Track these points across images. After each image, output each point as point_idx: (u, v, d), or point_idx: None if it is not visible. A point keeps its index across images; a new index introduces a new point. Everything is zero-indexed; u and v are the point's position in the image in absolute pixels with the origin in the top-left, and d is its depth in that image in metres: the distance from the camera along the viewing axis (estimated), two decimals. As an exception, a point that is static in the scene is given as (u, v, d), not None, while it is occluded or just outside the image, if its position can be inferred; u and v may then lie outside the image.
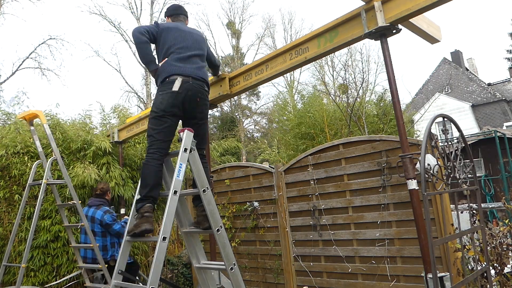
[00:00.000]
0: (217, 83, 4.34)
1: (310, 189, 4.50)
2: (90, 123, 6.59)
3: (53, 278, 5.30)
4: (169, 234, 2.62)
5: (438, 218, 3.49)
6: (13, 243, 5.21)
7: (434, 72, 29.16)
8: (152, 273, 2.46)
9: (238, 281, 2.94)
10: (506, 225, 3.28)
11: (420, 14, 2.92)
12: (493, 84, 27.85)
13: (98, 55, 23.02)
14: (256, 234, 5.09)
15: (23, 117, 5.04)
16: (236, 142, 8.76)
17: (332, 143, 4.43)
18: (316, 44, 3.43)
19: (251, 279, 5.11)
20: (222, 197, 5.54)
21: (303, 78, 40.54)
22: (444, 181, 2.45)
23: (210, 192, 2.95)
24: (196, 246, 3.14)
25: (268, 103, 27.92)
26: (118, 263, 2.80)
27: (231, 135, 21.02)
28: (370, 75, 13.45)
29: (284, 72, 3.86)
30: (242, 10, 28.93)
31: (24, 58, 18.52)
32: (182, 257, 6.43)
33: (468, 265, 3.31)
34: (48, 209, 5.49)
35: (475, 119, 24.65)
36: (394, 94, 2.92)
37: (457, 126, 2.68)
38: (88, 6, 28.65)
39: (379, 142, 3.95)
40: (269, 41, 27.62)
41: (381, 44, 3.00)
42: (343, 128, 11.36)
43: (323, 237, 4.34)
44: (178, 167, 2.71)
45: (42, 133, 5.55)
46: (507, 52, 32.96)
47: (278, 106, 17.38)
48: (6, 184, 5.48)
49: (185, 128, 2.82)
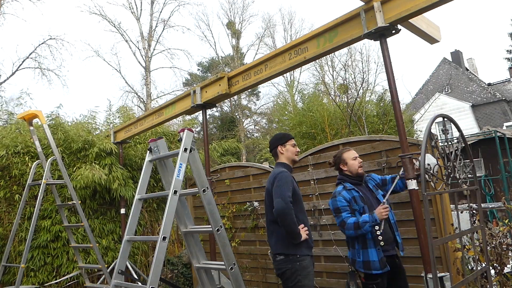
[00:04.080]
0: (216, 82, 4.34)
1: (310, 189, 4.50)
2: (93, 123, 6.61)
3: (53, 278, 5.31)
4: (169, 234, 2.62)
5: (438, 218, 3.49)
6: (13, 243, 5.22)
7: (434, 72, 29.16)
8: (152, 273, 2.46)
9: (238, 281, 2.94)
10: (506, 225, 3.28)
11: (419, 14, 2.92)
12: (493, 84, 27.85)
13: (98, 55, 22.89)
14: (256, 234, 5.09)
15: (23, 117, 5.05)
16: (236, 143, 8.76)
17: (332, 143, 4.43)
18: (316, 44, 3.43)
19: (251, 279, 5.11)
20: (222, 197, 5.54)
21: (303, 78, 40.58)
22: (444, 181, 2.45)
23: (210, 192, 2.95)
24: (196, 246, 3.14)
25: (268, 103, 27.95)
26: (118, 263, 2.80)
27: (231, 135, 21.03)
28: (370, 75, 13.48)
29: (283, 72, 3.86)
30: (242, 10, 28.87)
31: (24, 58, 18.55)
32: (182, 257, 6.43)
33: (468, 265, 3.31)
34: (48, 209, 5.50)
35: (475, 119, 24.65)
36: (394, 94, 2.92)
37: (457, 126, 2.68)
38: (88, 6, 28.67)
39: (379, 142, 3.95)
40: (269, 41, 27.66)
41: (380, 45, 3.00)
42: (343, 128, 11.37)
43: (323, 237, 4.34)
44: (178, 167, 2.71)
45: (42, 133, 5.55)
46: (507, 52, 32.94)
47: (278, 106, 17.39)
48: (6, 184, 5.49)
49: (185, 128, 2.82)
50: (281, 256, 2.89)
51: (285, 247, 2.87)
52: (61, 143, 5.89)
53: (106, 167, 5.70)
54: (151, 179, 6.11)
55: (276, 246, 2.94)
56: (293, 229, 2.79)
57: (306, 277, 2.80)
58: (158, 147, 3.06)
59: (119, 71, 22.95)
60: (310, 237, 2.96)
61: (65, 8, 41.14)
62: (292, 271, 2.81)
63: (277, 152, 3.14)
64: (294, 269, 2.80)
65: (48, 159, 4.97)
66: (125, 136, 5.89)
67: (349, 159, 3.16)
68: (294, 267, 2.81)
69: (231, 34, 27.49)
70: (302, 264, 2.82)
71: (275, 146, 3.15)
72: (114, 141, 6.00)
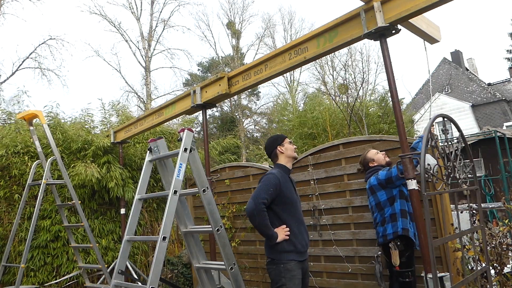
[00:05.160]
0: (216, 82, 4.34)
1: (310, 189, 4.50)
2: (91, 122, 6.60)
3: (53, 278, 5.30)
4: (169, 234, 2.62)
5: (438, 218, 3.49)
6: (13, 243, 5.22)
7: (434, 72, 29.14)
8: (152, 273, 2.46)
9: (238, 281, 2.94)
10: (506, 225, 3.28)
11: (419, 14, 2.92)
12: (493, 84, 27.84)
13: (98, 55, 22.96)
14: (256, 234, 5.08)
15: (23, 117, 5.04)
16: (234, 140, 8.67)
17: (332, 143, 4.43)
18: (316, 44, 3.43)
19: (251, 279, 5.11)
20: (222, 197, 5.54)
21: (303, 78, 40.58)
22: (444, 181, 2.45)
23: (210, 192, 2.95)
24: (196, 246, 3.14)
25: (268, 103, 27.96)
26: (118, 263, 2.80)
27: (231, 135, 21.03)
28: (370, 75, 13.47)
29: (283, 72, 3.85)
30: (242, 10, 28.91)
31: (24, 58, 18.57)
32: (182, 257, 6.43)
33: (468, 265, 3.31)
34: (48, 209, 5.50)
35: (475, 119, 24.64)
36: (394, 94, 2.91)
37: (457, 126, 2.68)
38: (88, 6, 28.68)
39: (379, 142, 3.95)
40: (269, 41, 27.65)
41: (380, 45, 2.99)
42: (345, 128, 11.37)
43: (323, 237, 4.34)
44: (178, 167, 2.71)
45: (42, 133, 5.55)
46: (507, 52, 32.94)
47: (278, 106, 17.39)
48: (6, 184, 5.48)
49: (185, 128, 2.82)
50: (269, 258, 2.88)
51: (270, 252, 2.85)
52: (61, 143, 5.88)
53: (103, 166, 5.69)
54: (151, 179, 6.11)
55: (265, 249, 2.94)
56: (263, 231, 2.74)
57: (291, 280, 2.76)
58: (158, 147, 3.06)
59: (119, 71, 23.02)
60: (300, 242, 2.87)
61: (65, 8, 41.15)
62: (276, 272, 2.78)
63: (276, 153, 3.08)
64: (278, 270, 2.78)
65: (48, 159, 4.97)
66: (125, 136, 5.89)
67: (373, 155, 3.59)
68: (278, 268, 2.78)
69: (231, 34, 27.50)
70: (286, 267, 2.78)
71: (274, 148, 3.08)
72: (114, 141, 6.00)
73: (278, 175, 2.89)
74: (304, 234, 2.93)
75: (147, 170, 3.07)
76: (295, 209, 2.94)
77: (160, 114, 5.28)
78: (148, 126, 5.48)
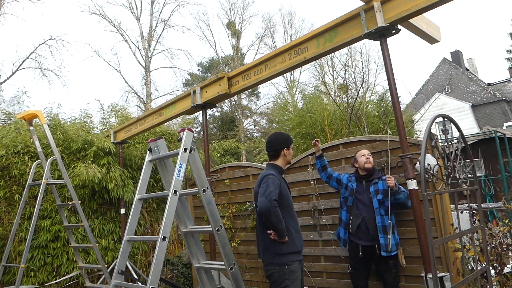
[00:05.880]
0: (216, 82, 4.34)
1: (310, 189, 4.50)
2: (90, 123, 6.60)
3: (53, 278, 5.30)
4: (169, 234, 2.62)
5: (438, 218, 3.49)
6: (13, 243, 5.22)
7: (434, 72, 29.15)
8: (152, 273, 2.46)
9: (238, 281, 2.94)
10: (506, 225, 3.28)
11: (419, 14, 2.92)
12: (493, 84, 27.84)
13: (98, 55, 22.89)
14: (256, 234, 5.08)
15: (23, 117, 5.04)
16: (236, 143, 8.75)
17: (332, 143, 4.43)
18: (316, 44, 3.43)
19: (251, 279, 5.11)
20: (222, 197, 5.53)
21: (303, 78, 40.56)
22: (444, 181, 2.45)
23: (210, 192, 2.95)
24: (196, 246, 3.14)
25: (268, 103, 27.92)
26: (118, 263, 2.80)
27: (231, 135, 21.03)
28: (370, 75, 13.46)
29: (283, 72, 3.86)
30: (242, 10, 28.83)
31: (24, 58, 18.53)
32: (182, 257, 6.43)
33: (468, 265, 3.31)
34: (48, 209, 5.50)
35: (475, 119, 24.64)
36: (394, 94, 2.92)
37: (457, 126, 2.68)
38: (88, 6, 28.63)
39: (379, 142, 3.95)
40: (269, 41, 27.62)
41: (380, 45, 2.99)
42: (343, 128, 11.35)
43: (323, 237, 4.34)
44: (178, 167, 2.71)
45: (42, 133, 5.55)
46: (507, 52, 32.95)
47: (278, 106, 17.38)
48: (6, 184, 5.48)
49: (185, 128, 2.82)
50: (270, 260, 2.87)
51: (272, 257, 2.84)
52: (61, 143, 5.89)
53: (104, 166, 5.69)
54: (151, 179, 6.11)
55: (264, 255, 2.93)
56: (279, 226, 2.76)
57: (294, 282, 2.77)
58: (158, 147, 3.06)
59: (119, 71, 22.99)
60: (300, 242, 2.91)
61: (65, 8, 41.15)
62: (280, 274, 2.78)
63: (279, 154, 3.08)
64: (282, 272, 2.77)
65: (48, 159, 4.97)
66: (125, 136, 5.89)
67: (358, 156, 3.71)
68: (282, 270, 2.77)
69: (231, 34, 27.48)
70: (291, 268, 2.79)
71: (281, 148, 3.08)
72: (114, 141, 6.00)
73: (278, 176, 2.93)
74: (300, 233, 3.00)
75: (147, 170, 3.07)
76: (292, 209, 3.01)
77: (160, 114, 5.28)
78: (148, 126, 5.49)
